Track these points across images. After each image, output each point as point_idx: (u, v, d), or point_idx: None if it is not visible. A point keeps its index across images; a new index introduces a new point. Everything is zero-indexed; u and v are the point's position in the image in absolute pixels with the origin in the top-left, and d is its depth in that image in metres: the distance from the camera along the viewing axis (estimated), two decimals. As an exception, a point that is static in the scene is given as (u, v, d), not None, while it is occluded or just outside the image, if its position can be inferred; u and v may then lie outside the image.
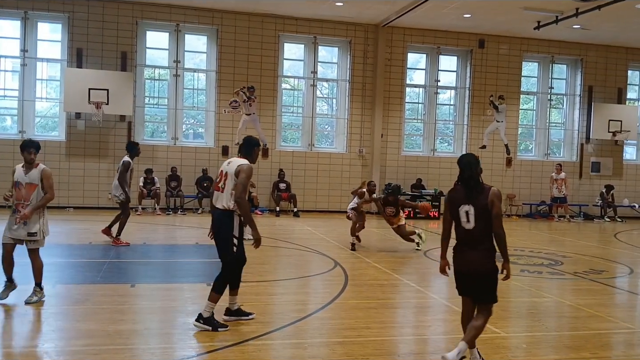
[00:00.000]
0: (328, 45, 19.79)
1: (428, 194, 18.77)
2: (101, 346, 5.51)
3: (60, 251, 10.69)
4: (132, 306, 7.09)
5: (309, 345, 5.80)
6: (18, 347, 5.53)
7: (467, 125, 20.34)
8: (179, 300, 7.41)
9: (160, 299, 7.43)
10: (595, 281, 9.49)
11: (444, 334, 6.55)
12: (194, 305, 7.18)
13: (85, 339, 5.69)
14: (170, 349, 5.67)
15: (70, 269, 9.39)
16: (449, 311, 7.37)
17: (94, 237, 12.26)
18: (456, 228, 5.29)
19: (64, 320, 6.39)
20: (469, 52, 20.25)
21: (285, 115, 19.71)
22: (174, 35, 18.30)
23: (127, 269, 9.45)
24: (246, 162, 6.15)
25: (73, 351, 5.42)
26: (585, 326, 6.87)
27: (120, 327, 6.11)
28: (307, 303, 7.59)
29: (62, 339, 5.77)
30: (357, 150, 19.43)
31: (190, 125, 19.71)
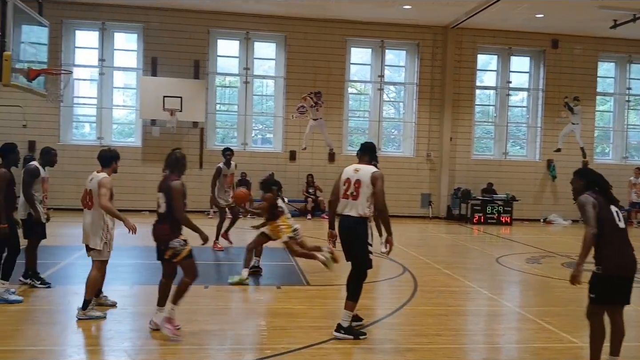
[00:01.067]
0: (395, 48, 19.69)
1: (500, 198, 18.29)
2: (177, 346, 5.67)
3: (137, 253, 11.11)
4: (206, 307, 7.26)
5: (379, 351, 5.76)
6: (98, 346, 5.78)
7: (541, 128, 19.72)
8: (250, 302, 7.54)
9: (233, 301, 7.58)
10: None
11: (518, 342, 6.36)
12: (265, 307, 7.31)
13: (162, 339, 5.87)
14: (243, 350, 5.77)
15: (147, 270, 9.71)
16: (523, 319, 7.16)
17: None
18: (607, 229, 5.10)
19: (142, 320, 6.62)
20: (541, 53, 19.64)
21: (351, 119, 19.74)
22: (244, 43, 18.70)
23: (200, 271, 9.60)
24: (377, 170, 6.25)
25: (150, 350, 5.61)
26: (671, 338, 6.51)
27: (194, 327, 6.27)
28: (375, 308, 7.55)
29: (140, 339, 5.98)
30: (424, 154, 19.20)
31: (259, 130, 20.05)
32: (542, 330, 6.63)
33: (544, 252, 12.48)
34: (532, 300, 8.54)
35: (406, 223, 17.61)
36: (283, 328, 6.40)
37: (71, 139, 18.25)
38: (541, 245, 13.44)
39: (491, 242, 14.78)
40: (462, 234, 15.91)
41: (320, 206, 18.18)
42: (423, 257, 11.37)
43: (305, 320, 6.62)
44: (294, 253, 8.64)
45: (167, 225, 6.15)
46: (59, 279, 8.55)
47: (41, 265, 9.14)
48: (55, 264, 9.48)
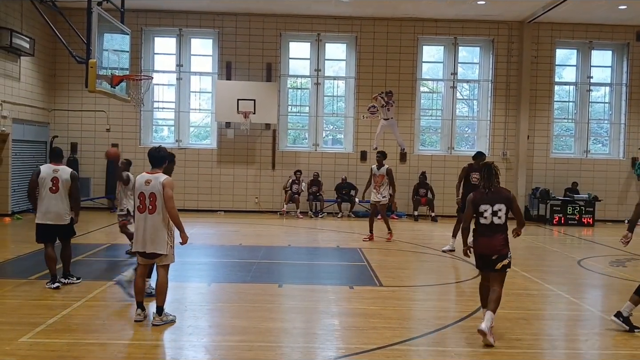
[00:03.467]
0: (469, 45, 19.26)
1: (581, 198, 17.53)
2: (253, 342, 5.79)
3: (213, 252, 11.44)
4: (280, 305, 7.38)
5: (455, 354, 5.66)
6: (179, 341, 5.97)
7: (625, 125, 18.76)
8: (323, 302, 7.58)
9: (306, 300, 7.65)
10: None
11: (602, 349, 6.08)
12: (338, 307, 7.33)
13: (239, 335, 6.01)
14: (317, 349, 5.82)
15: (224, 268, 9.99)
16: (607, 325, 6.83)
17: (244, 239, 12.96)
18: None
19: (219, 317, 6.81)
20: (625, 46, 18.68)
21: (423, 118, 19.47)
22: (315, 44, 18.84)
23: (274, 270, 9.85)
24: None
25: (228, 346, 5.75)
26: None
27: (270, 325, 6.38)
28: (450, 310, 7.41)
29: (219, 335, 6.15)
30: (500, 152, 18.68)
31: (330, 131, 20.14)
32: (630, 337, 6.31)
33: (629, 254, 11.84)
34: (616, 304, 8.07)
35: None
36: (357, 328, 6.41)
37: (151, 141, 18.96)
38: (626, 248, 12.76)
39: (572, 244, 14.20)
40: (540, 236, 15.36)
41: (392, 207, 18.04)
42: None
43: (379, 321, 6.59)
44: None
45: (504, 236, 6.15)
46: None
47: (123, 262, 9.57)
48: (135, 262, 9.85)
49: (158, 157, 6.27)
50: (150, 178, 6.15)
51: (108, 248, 11.35)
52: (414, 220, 17.51)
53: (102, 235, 13.16)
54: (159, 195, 6.08)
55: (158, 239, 6.14)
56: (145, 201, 6.11)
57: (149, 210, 6.12)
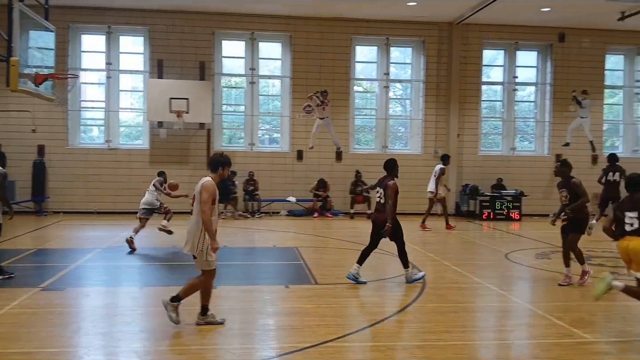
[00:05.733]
0: (401, 45, 19.64)
1: (509, 194, 18.21)
2: (186, 346, 5.71)
3: (146, 255, 11.18)
4: (214, 307, 7.24)
5: (387, 349, 5.76)
6: (108, 347, 5.80)
7: (549, 123, 19.61)
8: (258, 302, 7.55)
9: (242, 301, 7.60)
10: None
11: (528, 339, 6.33)
12: (274, 307, 7.32)
13: (171, 339, 5.91)
14: (252, 349, 5.79)
15: (157, 271, 9.79)
16: (533, 315, 7.13)
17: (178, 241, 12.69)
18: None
19: (151, 322, 6.65)
20: (549, 47, 19.53)
21: (358, 117, 19.72)
22: (249, 43, 18.73)
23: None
24: None
25: (160, 351, 5.64)
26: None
27: (204, 327, 6.29)
28: (384, 306, 7.55)
29: (150, 340, 6.01)
30: (432, 151, 19.15)
31: (266, 130, 20.07)
32: (552, 326, 6.60)
33: (554, 247, 12.39)
34: (542, 296, 8.49)
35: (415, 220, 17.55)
36: (292, 327, 6.42)
37: (79, 142, 18.35)
38: (551, 241, 13.35)
39: (500, 238, 14.72)
40: (470, 231, 15.85)
41: (327, 205, 18.18)
42: (432, 254, 11.35)
43: (314, 319, 6.63)
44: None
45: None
46: (70, 281, 8.60)
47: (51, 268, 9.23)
48: (65, 267, 9.53)
49: (212, 162, 6.43)
50: (200, 181, 6.29)
51: (35, 253, 10.90)
52: (350, 218, 17.68)
53: (28, 240, 12.63)
54: (197, 197, 6.19)
55: (191, 241, 6.22)
56: (193, 203, 6.32)
57: (193, 211, 6.27)
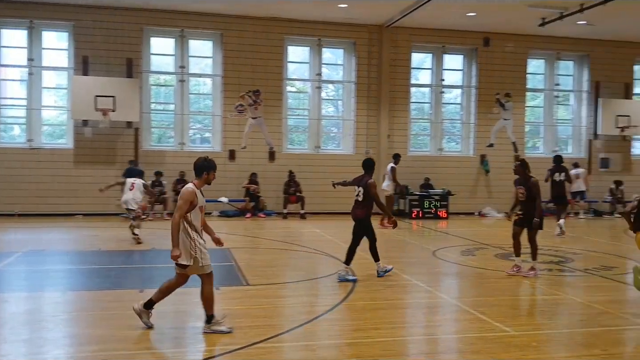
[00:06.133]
0: (333, 47, 19.80)
1: (436, 193, 18.72)
2: (111, 351, 5.53)
3: (70, 258, 10.78)
4: (141, 311, 7.10)
5: (317, 347, 5.80)
6: (29, 355, 5.55)
7: (474, 124, 20.28)
8: (188, 305, 7.41)
9: (170, 304, 7.41)
10: (606, 278, 9.44)
11: (453, 333, 6.52)
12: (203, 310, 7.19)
13: (95, 345, 5.71)
14: (180, 353, 5.69)
15: (80, 275, 9.45)
16: (459, 311, 7.36)
17: (104, 243, 12.34)
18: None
19: (73, 327, 6.42)
20: (474, 51, 20.20)
21: (291, 117, 19.74)
22: (179, 41, 18.38)
23: (136, 275, 9.48)
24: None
25: (83, 357, 5.45)
26: (596, 323, 6.82)
27: (129, 332, 6.13)
28: (315, 305, 7.59)
29: (72, 346, 5.80)
30: (363, 151, 19.41)
31: (197, 130, 19.77)
32: (476, 321, 6.83)
33: (478, 244, 12.88)
34: (467, 291, 8.79)
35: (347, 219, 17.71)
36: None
37: (-1, 141, 17.50)
38: (476, 238, 13.86)
39: (429, 236, 15.10)
40: (400, 229, 16.14)
41: (260, 205, 18.10)
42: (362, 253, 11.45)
43: (244, 320, 6.58)
44: None
45: None
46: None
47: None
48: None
49: (197, 166, 6.24)
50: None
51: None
52: (283, 218, 17.68)
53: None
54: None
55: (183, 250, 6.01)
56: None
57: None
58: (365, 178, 9.04)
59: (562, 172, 14.29)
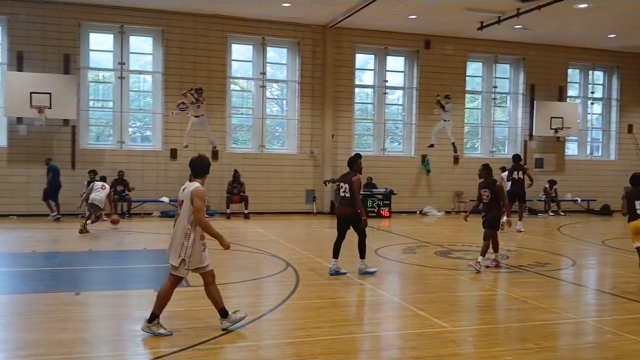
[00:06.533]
0: (277, 46, 19.76)
1: (379, 193, 18.97)
2: (44, 356, 5.35)
3: (2, 260, 10.34)
4: (77, 314, 6.90)
5: (259, 347, 5.78)
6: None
7: (416, 125, 20.66)
8: (126, 307, 7.26)
9: (107, 306, 7.26)
10: (540, 274, 9.79)
11: (393, 330, 6.63)
12: (142, 312, 7.04)
13: (28, 350, 5.51)
14: (116, 357, 5.56)
15: (13, 278, 9.08)
16: (400, 308, 7.49)
17: (38, 245, 11.91)
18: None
19: (6, 331, 6.18)
20: (415, 53, 20.57)
21: (235, 116, 19.59)
22: (119, 37, 17.93)
23: (72, 277, 9.20)
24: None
25: (14, 363, 5.24)
26: (530, 317, 7.08)
27: (64, 336, 5.94)
28: (257, 305, 7.55)
29: (4, 351, 5.58)
30: (308, 150, 19.47)
31: (137, 128, 19.34)
32: (415, 317, 6.96)
33: (419, 242, 13.13)
34: (407, 288, 8.95)
35: (291, 219, 17.79)
36: (160, 331, 6.23)
37: None
38: (417, 236, 14.13)
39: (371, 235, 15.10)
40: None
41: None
42: (306, 252, 11.54)
43: (184, 322, 6.48)
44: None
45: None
46: None
47: None
48: None
49: (198, 167, 6.13)
50: (186, 186, 6.07)
51: None
52: (227, 218, 17.52)
53: None
54: (186, 203, 5.93)
55: (173, 248, 6.02)
56: (179, 209, 6.05)
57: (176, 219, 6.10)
58: (350, 175, 9.37)
59: (521, 171, 15.12)
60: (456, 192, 20.79)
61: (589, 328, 6.83)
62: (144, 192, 17.71)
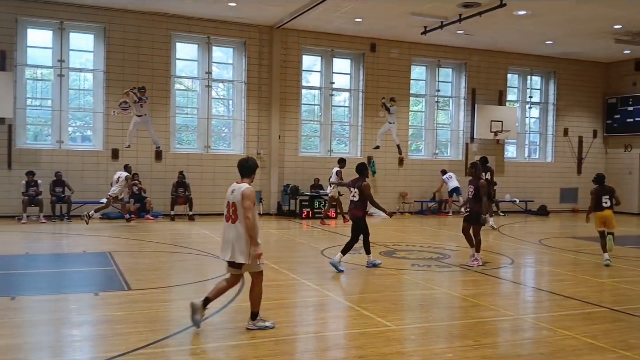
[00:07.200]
0: (223, 45, 19.56)
1: (326, 194, 19.03)
2: (-26, 366, 5.12)
3: None
4: (11, 320, 6.63)
5: (202, 351, 5.71)
6: None
7: (362, 127, 20.85)
8: (64, 312, 7.03)
9: (44, 311, 7.01)
10: (479, 272, 10.06)
11: (338, 330, 6.68)
12: (80, 316, 6.87)
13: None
14: (53, 364, 5.37)
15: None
16: (344, 308, 7.55)
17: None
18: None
19: None
20: (361, 56, 20.77)
21: (179, 116, 19.27)
22: (58, 33, 17.35)
23: (6, 282, 8.84)
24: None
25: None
26: (470, 315, 7.27)
27: (-3, 343, 5.70)
28: (202, 308, 7.44)
29: None
30: (254, 151, 19.36)
31: (77, 127, 18.77)
32: (359, 317, 7.04)
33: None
34: (352, 288, 9.03)
35: (236, 221, 17.61)
36: (100, 336, 6.08)
37: None
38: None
39: (318, 236, 15.32)
40: (291, 229, 16.32)
41: (146, 207, 17.52)
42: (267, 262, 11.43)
43: (125, 327, 6.33)
44: None
45: None
46: None
47: None
48: None
49: (246, 168, 6.44)
50: (235, 188, 6.29)
51: None
52: (171, 219, 17.22)
53: None
54: (238, 205, 6.15)
55: (239, 248, 6.19)
56: (230, 210, 6.24)
57: (231, 220, 6.24)
58: (360, 180, 9.98)
59: (488, 172, 15.73)
60: (401, 193, 21.13)
61: (526, 325, 7.06)
62: (84, 193, 17.19)
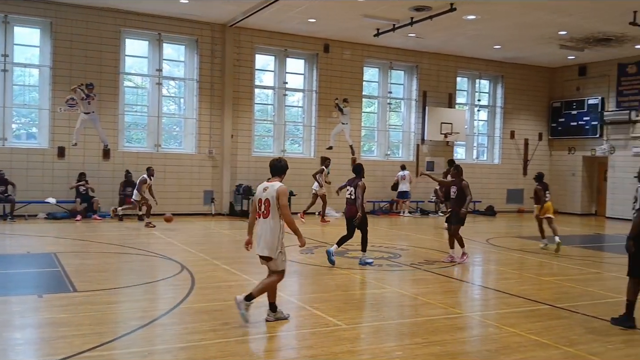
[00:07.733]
0: (174, 43, 19.26)
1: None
2: None
3: None
4: (-53, 325, 6.36)
5: (150, 353, 5.60)
6: None
7: (315, 127, 20.90)
8: (5, 314, 6.78)
9: (-16, 315, 6.74)
10: (429, 271, 10.24)
11: (289, 330, 6.66)
12: (22, 319, 6.65)
13: None
14: (-8, 369, 5.18)
15: None
16: (296, 307, 7.54)
17: None
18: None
19: None
20: (315, 56, 20.82)
21: (128, 114, 18.87)
22: (2, 27, 16.73)
23: (-57, 284, 8.46)
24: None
25: None
26: (419, 313, 7.38)
27: None
28: (149, 310, 7.30)
29: None
30: (206, 151, 19.15)
31: (22, 124, 18.15)
32: (311, 316, 7.06)
33: (317, 242, 13.31)
34: (304, 288, 9.04)
35: (189, 220, 17.40)
36: (43, 339, 5.90)
37: None
38: (315, 237, 14.31)
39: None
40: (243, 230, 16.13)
41: (94, 207, 17.08)
42: (203, 254, 11.35)
43: (69, 329, 6.14)
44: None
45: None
46: None
47: None
48: None
49: (279, 168, 6.83)
50: (268, 186, 6.64)
51: None
52: (119, 220, 16.85)
53: None
54: (272, 201, 6.49)
55: (268, 243, 6.55)
56: (262, 207, 6.57)
57: (263, 215, 6.57)
58: (356, 180, 10.62)
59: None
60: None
61: (473, 322, 7.22)
62: (28, 192, 16.64)
